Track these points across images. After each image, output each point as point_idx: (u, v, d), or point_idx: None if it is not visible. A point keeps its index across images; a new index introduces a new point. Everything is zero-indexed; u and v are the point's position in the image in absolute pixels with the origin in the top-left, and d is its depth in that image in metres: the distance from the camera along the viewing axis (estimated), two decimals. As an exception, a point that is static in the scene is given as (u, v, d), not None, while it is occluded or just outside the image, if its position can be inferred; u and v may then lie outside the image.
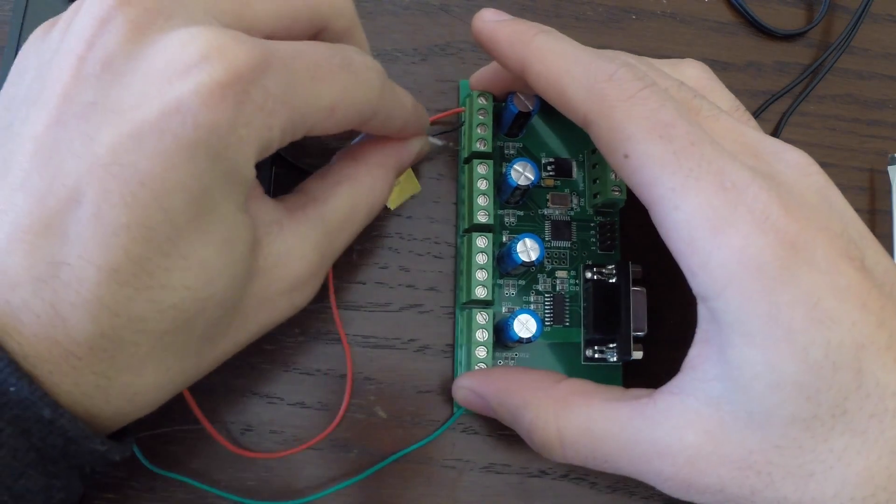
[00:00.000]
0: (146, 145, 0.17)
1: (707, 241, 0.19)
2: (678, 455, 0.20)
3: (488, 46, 0.24)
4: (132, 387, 0.18)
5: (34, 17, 0.28)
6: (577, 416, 0.22)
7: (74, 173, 0.17)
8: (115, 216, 0.16)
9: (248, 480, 0.26)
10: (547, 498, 0.27)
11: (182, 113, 0.17)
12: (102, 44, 0.17)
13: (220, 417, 0.26)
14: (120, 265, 0.17)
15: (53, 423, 0.17)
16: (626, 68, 0.21)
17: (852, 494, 0.19)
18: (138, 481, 0.25)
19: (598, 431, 0.21)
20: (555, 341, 0.28)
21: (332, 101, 0.20)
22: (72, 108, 0.17)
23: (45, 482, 0.18)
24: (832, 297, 0.18)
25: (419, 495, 0.27)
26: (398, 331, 0.28)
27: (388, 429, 0.27)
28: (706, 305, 0.20)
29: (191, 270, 0.18)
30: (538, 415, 0.23)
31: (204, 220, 0.18)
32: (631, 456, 0.21)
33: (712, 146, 0.20)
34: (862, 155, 0.33)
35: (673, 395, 0.21)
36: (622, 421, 0.21)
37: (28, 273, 0.17)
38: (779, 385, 0.19)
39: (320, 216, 0.23)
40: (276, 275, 0.21)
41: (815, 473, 0.19)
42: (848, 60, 0.34)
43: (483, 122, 0.27)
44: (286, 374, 0.27)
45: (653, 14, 0.33)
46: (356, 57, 0.21)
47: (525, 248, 0.25)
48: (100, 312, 0.17)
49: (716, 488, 0.20)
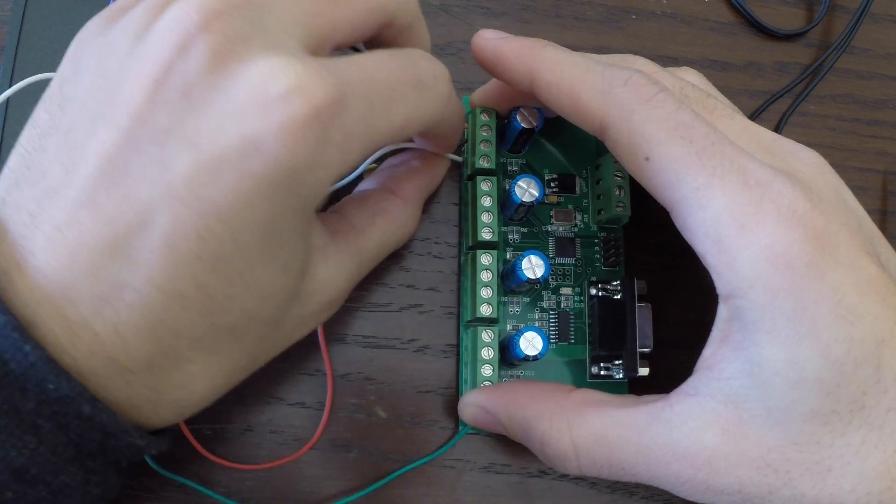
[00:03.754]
0: (223, 180, 0.16)
1: (734, 239, 0.19)
2: (697, 457, 0.20)
3: (493, 62, 0.24)
4: (181, 402, 0.19)
5: (34, 18, 0.28)
6: (591, 424, 0.22)
7: (147, 199, 0.16)
8: (188, 247, 0.17)
9: (247, 481, 0.25)
10: (547, 498, 0.27)
11: (261, 151, 0.16)
12: (181, 71, 0.17)
13: (219, 417, 0.26)
14: (187, 292, 0.17)
15: (92, 419, 0.17)
16: (640, 74, 0.21)
17: (869, 488, 0.19)
18: (138, 481, 0.25)
19: (614, 438, 0.21)
20: (560, 358, 0.27)
21: (404, 120, 0.20)
22: (145, 131, 0.17)
23: (83, 477, 0.18)
24: (854, 293, 0.18)
25: (419, 495, 0.27)
26: (398, 331, 0.28)
27: (388, 429, 0.27)
28: (729, 304, 0.20)
29: (251, 296, 0.18)
30: (552, 425, 0.22)
31: (270, 250, 0.18)
32: (648, 461, 0.21)
33: (731, 145, 0.20)
34: (862, 155, 0.33)
35: (689, 397, 0.21)
36: (639, 426, 0.21)
37: (90, 291, 0.17)
38: (800, 382, 0.19)
39: (357, 247, 0.23)
40: (313, 299, 0.21)
41: (833, 469, 0.19)
42: (848, 60, 0.34)
43: (486, 139, 0.27)
44: (286, 374, 0.27)
45: (653, 14, 0.33)
46: (427, 68, 0.21)
47: (530, 265, 0.25)
48: (162, 334, 0.17)
49: (734, 489, 0.20)
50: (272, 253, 0.18)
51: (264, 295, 0.19)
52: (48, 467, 0.17)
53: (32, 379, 0.16)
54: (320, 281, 0.21)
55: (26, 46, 0.27)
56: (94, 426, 0.17)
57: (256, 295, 0.18)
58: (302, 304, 0.21)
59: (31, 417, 0.17)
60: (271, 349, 0.22)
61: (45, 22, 0.28)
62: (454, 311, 0.28)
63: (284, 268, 0.19)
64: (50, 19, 0.28)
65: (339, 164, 0.18)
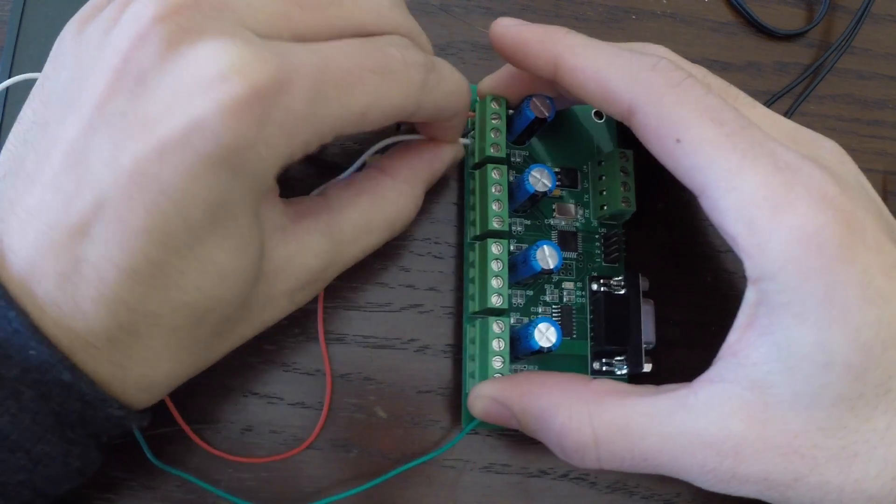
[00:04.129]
0: (169, 158, 0.17)
1: (766, 221, 0.19)
2: (724, 444, 0.20)
3: (513, 48, 0.24)
4: (146, 377, 0.19)
5: (32, 17, 0.28)
6: (613, 414, 0.21)
7: (101, 178, 0.17)
8: (136, 221, 0.17)
9: (247, 481, 0.25)
10: (547, 498, 0.27)
11: (203, 129, 0.17)
12: (137, 58, 0.18)
13: (220, 417, 0.26)
14: (138, 266, 0.18)
15: (72, 387, 0.18)
16: (667, 59, 0.21)
17: (894, 473, 0.19)
18: (137, 481, 0.25)
19: (637, 427, 0.21)
20: (561, 353, 0.27)
21: (363, 106, 0.20)
22: (104, 117, 0.18)
23: (63, 448, 0.19)
24: (882, 276, 0.19)
25: (419, 495, 0.27)
26: (398, 331, 0.28)
27: (388, 429, 0.27)
28: (758, 287, 0.20)
29: (204, 274, 0.19)
30: (571, 415, 0.22)
31: (220, 229, 0.18)
32: (673, 450, 0.20)
33: (759, 130, 0.20)
34: (862, 155, 0.33)
35: (714, 384, 0.20)
36: (662, 415, 0.21)
37: (52, 267, 0.18)
38: (829, 365, 0.19)
39: (329, 226, 0.23)
40: (278, 277, 0.22)
41: (859, 454, 0.19)
42: (848, 60, 0.34)
43: (496, 127, 0.27)
44: (286, 374, 0.27)
45: (653, 14, 0.33)
46: (395, 54, 0.21)
47: (544, 255, 0.24)
48: (118, 308, 0.18)
49: (760, 476, 0.20)
50: (223, 232, 0.19)
51: (221, 274, 0.19)
52: (28, 434, 0.18)
53: (16, 345, 0.17)
54: (281, 259, 0.21)
55: (24, 46, 0.27)
56: (73, 394, 0.18)
57: (212, 273, 0.19)
58: (267, 283, 0.21)
59: (13, 384, 0.18)
60: (243, 329, 0.22)
61: (44, 22, 0.28)
62: (454, 310, 0.28)
63: (239, 247, 0.19)
64: (48, 19, 0.28)
65: (285, 145, 0.18)
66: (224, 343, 0.22)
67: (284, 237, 0.21)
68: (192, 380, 0.22)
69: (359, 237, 0.24)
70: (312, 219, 0.22)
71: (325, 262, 0.23)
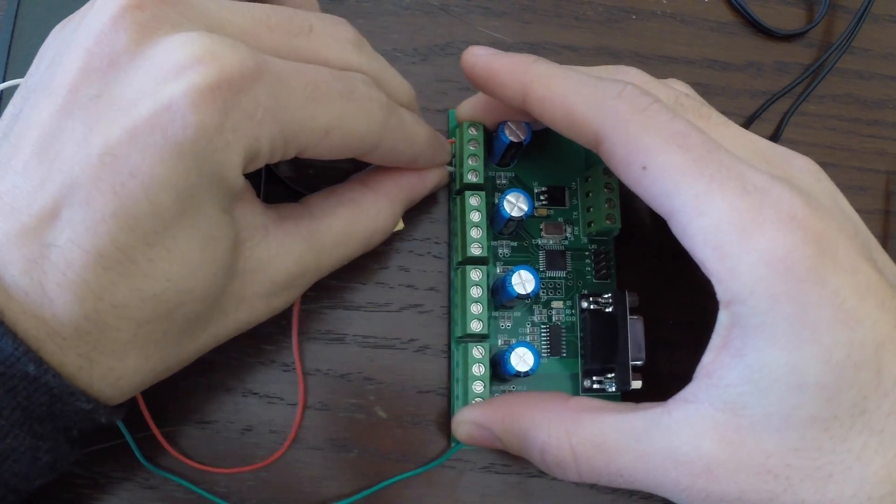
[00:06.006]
0: (138, 140, 0.17)
1: (735, 245, 0.19)
2: (695, 464, 0.20)
3: (484, 77, 0.24)
4: (114, 371, 0.19)
5: (26, 18, 0.28)
6: (590, 431, 0.22)
7: (72, 161, 0.17)
8: (104, 204, 0.17)
9: (248, 481, 0.26)
10: (547, 498, 0.27)
11: (172, 112, 0.17)
12: (110, 41, 0.18)
13: (220, 417, 0.26)
14: (106, 251, 0.17)
15: (38, 380, 0.18)
16: (633, 86, 0.21)
17: (870, 493, 0.19)
18: (135, 481, 0.25)
19: (613, 444, 0.21)
20: (552, 372, 0.27)
21: (326, 123, 0.20)
22: (77, 99, 0.18)
23: (31, 442, 0.18)
24: (854, 297, 0.19)
25: (419, 495, 0.27)
26: (398, 331, 0.28)
27: (388, 429, 0.27)
28: (730, 310, 0.20)
29: (173, 263, 0.19)
30: (550, 433, 0.22)
31: (188, 217, 0.18)
32: (647, 468, 0.21)
33: (728, 153, 0.20)
34: (862, 155, 0.33)
35: (688, 404, 0.21)
36: (637, 432, 0.21)
37: (20, 252, 0.17)
38: (801, 387, 0.19)
39: (311, 232, 0.23)
40: (254, 278, 0.21)
41: (834, 474, 0.19)
42: (848, 60, 0.34)
43: (474, 153, 0.27)
44: (286, 374, 0.27)
45: (653, 14, 0.33)
46: (361, 87, 0.21)
47: (520, 281, 0.25)
48: (85, 295, 0.18)
49: (734, 496, 0.20)
50: (192, 221, 0.19)
51: (190, 266, 0.19)
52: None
53: None
54: (258, 259, 0.21)
55: (19, 47, 0.27)
56: (40, 388, 0.18)
57: (181, 263, 0.19)
58: (241, 282, 0.21)
59: None
60: (216, 329, 0.21)
61: (38, 22, 0.28)
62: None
63: (208, 238, 0.19)
64: (42, 20, 0.28)
65: (251, 136, 0.19)
66: (196, 342, 0.21)
67: (265, 237, 0.21)
68: (193, 380, 0.21)
69: (338, 247, 0.24)
70: (293, 223, 0.23)
71: (303, 267, 0.23)
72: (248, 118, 0.18)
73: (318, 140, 0.20)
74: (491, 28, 0.31)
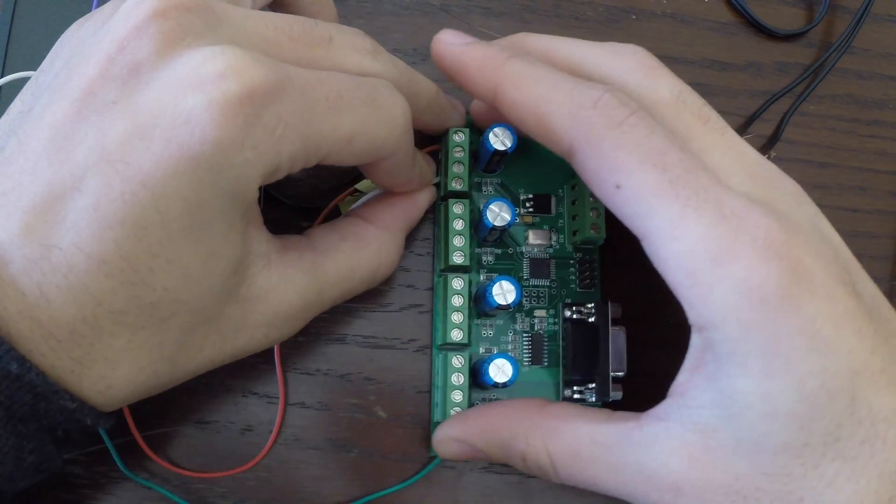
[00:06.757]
0: (153, 149, 0.17)
1: (708, 273, 0.19)
2: (664, 480, 0.20)
3: (453, 71, 0.23)
4: (105, 379, 0.19)
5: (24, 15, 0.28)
6: (565, 440, 0.22)
7: (82, 163, 0.17)
8: (113, 211, 0.17)
9: (248, 481, 0.26)
10: (547, 498, 0.27)
11: (191, 126, 0.17)
12: (133, 49, 0.18)
13: (220, 417, 0.26)
14: (109, 257, 0.17)
15: (21, 378, 0.17)
16: (611, 94, 0.20)
17: None
18: (135, 481, 0.25)
19: (587, 454, 0.21)
20: (533, 381, 0.27)
21: (350, 132, 0.20)
22: (93, 103, 0.18)
23: (14, 442, 0.18)
24: (830, 325, 0.18)
25: (419, 495, 0.27)
26: (398, 331, 0.28)
27: (388, 429, 0.27)
28: (702, 335, 0.20)
29: (173, 274, 0.18)
30: (528, 443, 0.22)
31: (196, 231, 0.18)
32: (618, 480, 0.21)
33: (706, 173, 0.20)
34: (862, 155, 0.33)
35: (659, 421, 0.20)
36: (609, 445, 0.21)
37: (20, 251, 0.17)
38: (772, 415, 0.18)
39: (314, 266, 0.22)
40: (255, 307, 0.21)
41: (805, 499, 0.19)
42: (848, 61, 0.34)
43: (459, 160, 0.26)
44: (286, 374, 0.27)
45: (653, 14, 0.33)
46: (384, 92, 0.21)
47: (501, 291, 0.24)
48: (84, 299, 0.17)
49: None
50: (198, 233, 0.18)
51: (189, 277, 0.19)
52: None
53: None
54: (261, 288, 0.21)
55: (16, 44, 0.27)
56: (23, 386, 0.17)
57: (180, 274, 0.18)
58: (241, 308, 0.21)
59: None
60: (211, 351, 0.21)
61: (35, 20, 0.28)
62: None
63: (211, 254, 0.19)
64: (40, 17, 0.28)
65: (271, 152, 0.18)
66: (191, 362, 0.21)
67: (268, 266, 0.21)
68: (193, 380, 0.21)
69: (341, 282, 0.23)
70: (297, 255, 0.22)
71: (305, 300, 0.22)
72: (269, 134, 0.18)
73: (341, 148, 0.20)
74: (491, 28, 0.31)
